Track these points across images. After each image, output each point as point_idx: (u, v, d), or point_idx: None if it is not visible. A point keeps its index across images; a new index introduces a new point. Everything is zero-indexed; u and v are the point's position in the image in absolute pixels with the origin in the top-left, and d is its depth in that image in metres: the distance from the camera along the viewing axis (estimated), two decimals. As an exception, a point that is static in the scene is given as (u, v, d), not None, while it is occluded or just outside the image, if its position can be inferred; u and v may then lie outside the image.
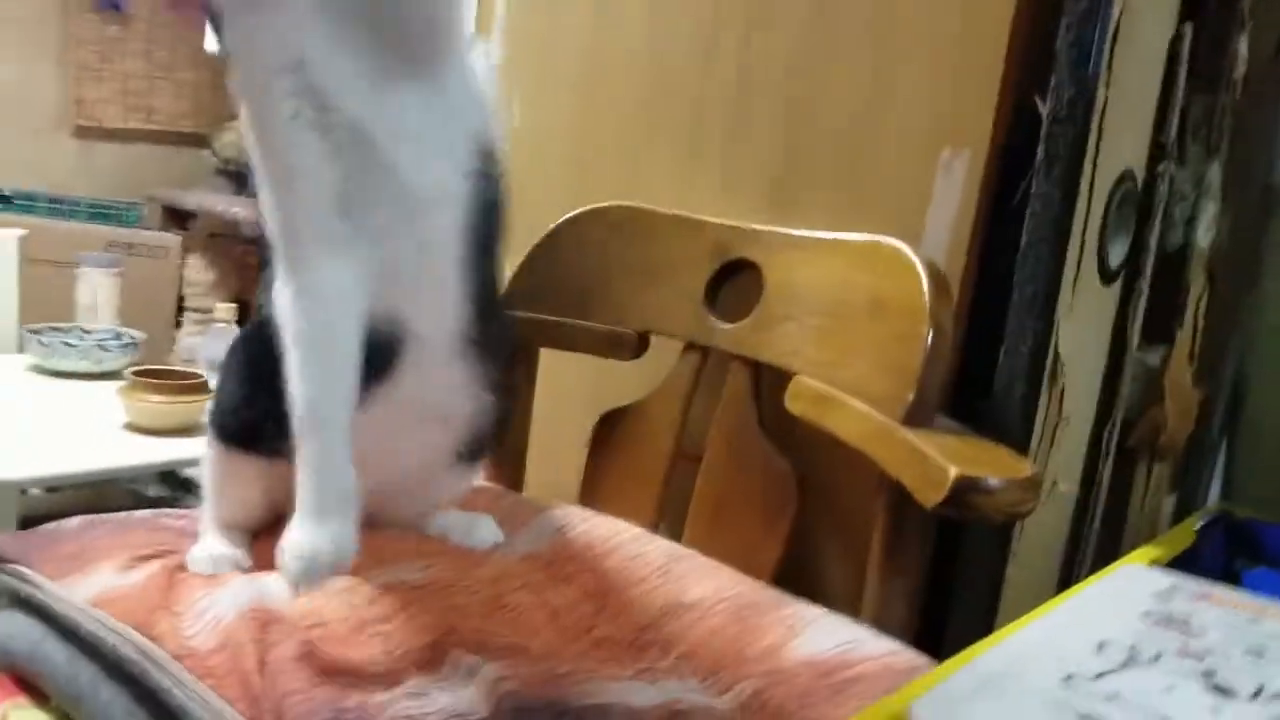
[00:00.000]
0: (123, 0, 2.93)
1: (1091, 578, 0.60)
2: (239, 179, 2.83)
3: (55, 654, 0.70)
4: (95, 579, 0.74)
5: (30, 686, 0.72)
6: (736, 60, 0.99)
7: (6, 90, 2.81)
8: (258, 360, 0.71)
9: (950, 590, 0.82)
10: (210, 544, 0.78)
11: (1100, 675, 0.41)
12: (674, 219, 0.99)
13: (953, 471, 0.66)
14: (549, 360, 1.05)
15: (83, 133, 2.95)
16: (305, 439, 0.66)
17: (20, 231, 2.14)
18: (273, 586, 0.70)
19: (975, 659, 0.45)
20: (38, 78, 2.86)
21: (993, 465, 0.69)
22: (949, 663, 0.46)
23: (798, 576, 0.86)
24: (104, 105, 2.97)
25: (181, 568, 0.76)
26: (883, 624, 0.75)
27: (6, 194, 2.74)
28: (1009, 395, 0.79)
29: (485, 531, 0.88)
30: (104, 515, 0.87)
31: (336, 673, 0.62)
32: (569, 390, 1.12)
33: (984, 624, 0.81)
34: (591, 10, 1.13)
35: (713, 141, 1.02)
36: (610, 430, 1.03)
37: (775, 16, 0.96)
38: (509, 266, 1.04)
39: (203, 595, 0.71)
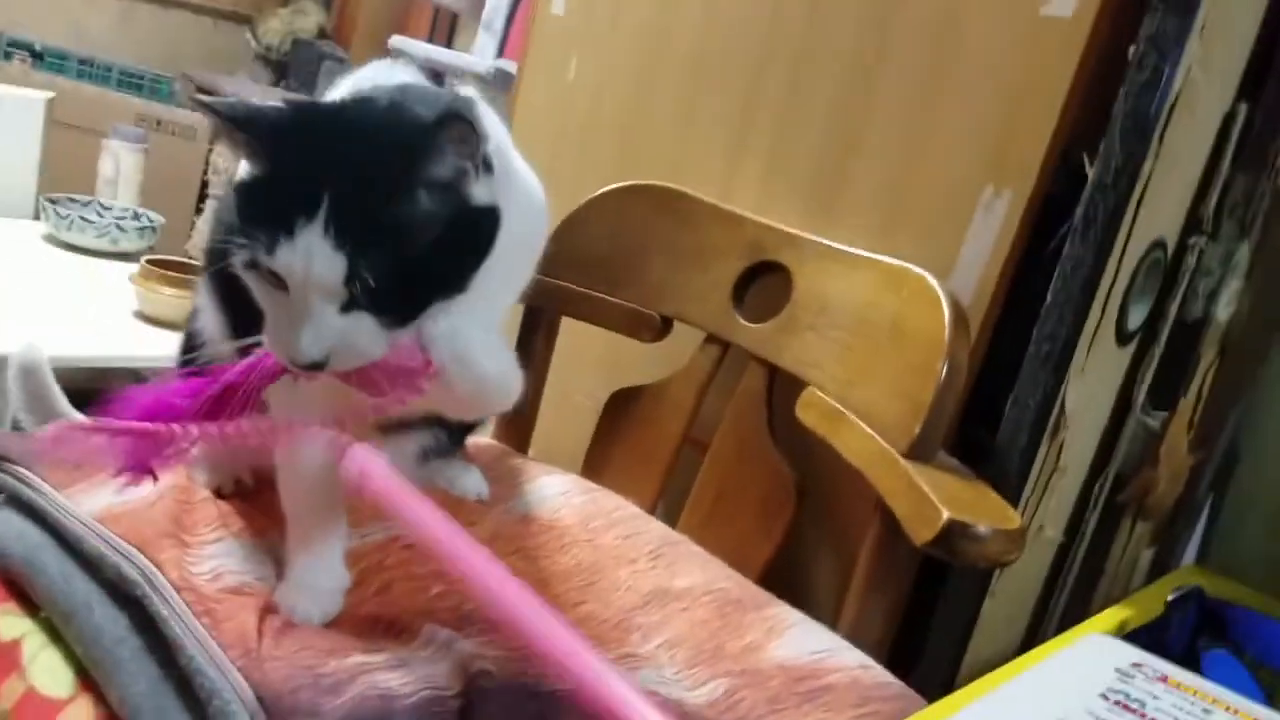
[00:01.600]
0: None
1: (1057, 640, 0.62)
2: (279, 68, 2.79)
3: (51, 564, 0.69)
4: (102, 491, 0.75)
5: (20, 593, 0.71)
6: (793, 63, 0.98)
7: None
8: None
9: (928, 616, 0.84)
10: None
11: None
12: (714, 209, 0.99)
13: (945, 515, 0.68)
14: (569, 328, 1.06)
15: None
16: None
17: (48, 94, 2.11)
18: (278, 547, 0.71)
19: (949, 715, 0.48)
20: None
21: (985, 513, 0.70)
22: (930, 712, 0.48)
23: (785, 579, 0.89)
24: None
25: (190, 493, 0.77)
26: (858, 638, 0.77)
27: (37, 49, 2.70)
28: (1011, 443, 0.80)
29: (471, 482, 0.89)
30: (110, 422, 0.88)
31: (319, 636, 0.63)
32: (585, 361, 1.13)
33: (956, 652, 0.84)
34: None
35: (760, 138, 1.01)
36: (622, 407, 1.04)
37: (833, 26, 0.95)
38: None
39: (214, 530, 0.73)
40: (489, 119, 0.64)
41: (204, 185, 2.59)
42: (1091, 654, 0.56)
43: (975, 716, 0.48)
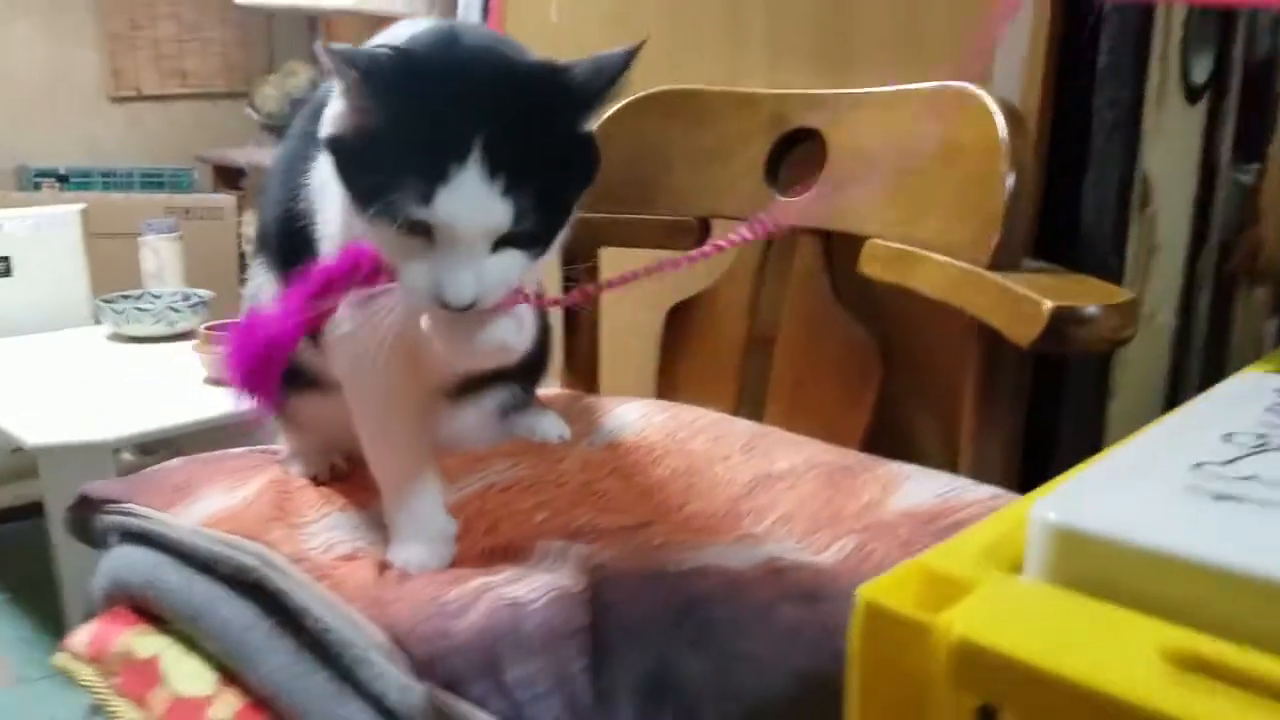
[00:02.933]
0: (144, -35, 2.93)
1: (1204, 393, 0.57)
2: (282, 132, 2.84)
3: (170, 578, 0.70)
4: (203, 503, 0.76)
5: (150, 615, 0.73)
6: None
7: (48, 69, 2.85)
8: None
9: (1051, 433, 0.80)
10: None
11: (1231, 461, 0.40)
12: (725, 95, 0.96)
13: (1047, 305, 0.64)
14: (608, 259, 1.03)
15: (125, 102, 2.99)
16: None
17: (81, 205, 2.18)
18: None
19: (1094, 461, 0.44)
20: (74, 54, 2.89)
21: (1088, 295, 0.66)
22: (1065, 473, 0.45)
23: (888, 443, 0.85)
24: (140, 72, 3.00)
25: (288, 483, 0.78)
26: (982, 474, 0.74)
27: (62, 173, 2.80)
28: (1098, 225, 0.75)
29: (549, 425, 0.88)
30: (201, 454, 0.90)
31: (438, 575, 0.63)
32: (632, 289, 1.11)
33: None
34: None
35: (754, 10, 0.98)
36: (680, 322, 1.02)
37: None
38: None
39: (318, 509, 0.72)
40: None
41: (241, 256, 2.65)
42: (1245, 386, 0.51)
43: (1137, 445, 0.44)
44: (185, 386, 1.65)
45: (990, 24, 0.66)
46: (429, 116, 0.53)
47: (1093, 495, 0.39)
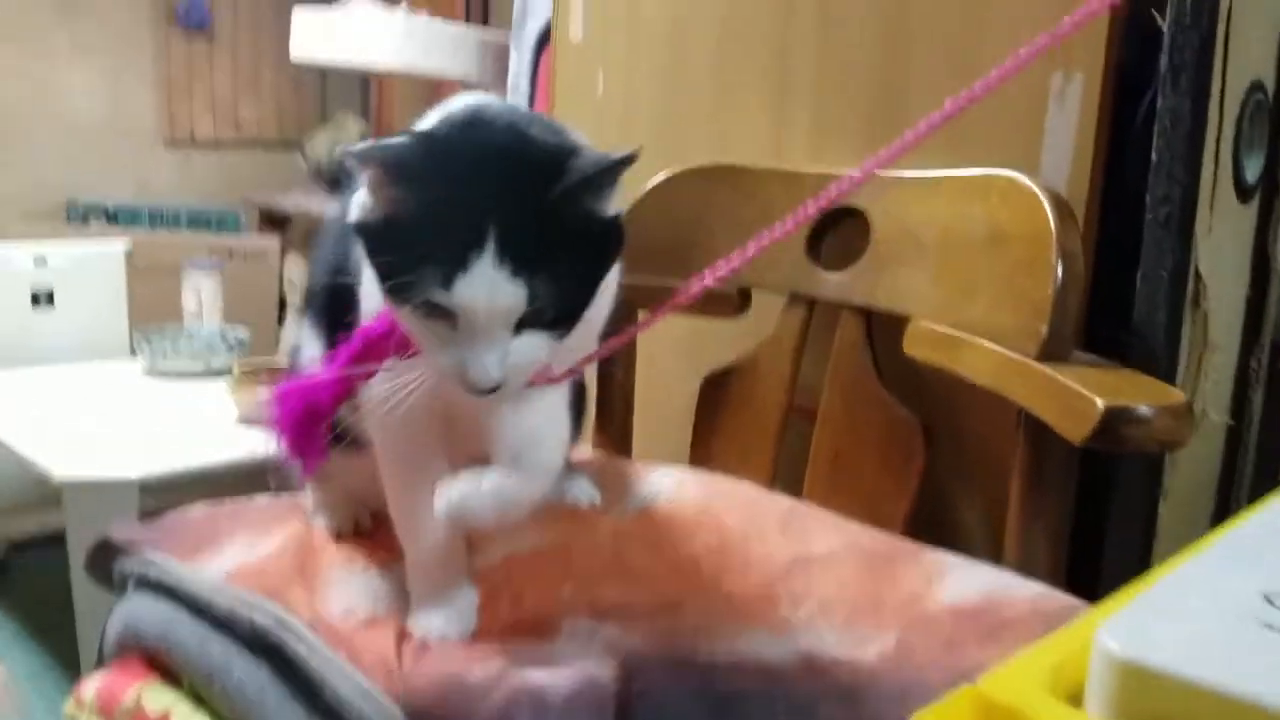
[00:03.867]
0: (206, 17, 3.02)
1: (1268, 496, 0.55)
2: (332, 180, 2.89)
3: (186, 633, 0.69)
4: (225, 556, 0.75)
5: (162, 667, 0.72)
6: (818, 4, 0.96)
7: (106, 110, 2.93)
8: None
9: (1099, 532, 0.77)
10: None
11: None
12: (769, 172, 0.96)
13: (1100, 403, 0.62)
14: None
15: (178, 145, 3.06)
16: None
17: (125, 241, 2.22)
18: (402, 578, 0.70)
19: (1157, 580, 0.42)
20: (133, 97, 2.98)
21: (1142, 394, 0.64)
22: (1124, 591, 0.43)
23: (931, 528, 0.83)
24: (196, 118, 3.07)
25: (311, 538, 0.77)
26: (1027, 568, 0.71)
27: (110, 210, 2.86)
28: (1150, 322, 0.74)
29: (580, 489, 0.86)
30: (225, 502, 0.89)
31: (460, 649, 0.61)
32: (668, 355, 1.10)
33: (1138, 564, 0.76)
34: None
35: (801, 92, 0.98)
36: (717, 390, 1.01)
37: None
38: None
39: (339, 570, 0.71)
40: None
41: (281, 299, 2.68)
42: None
43: (1201, 564, 0.42)
44: (217, 425, 1.65)
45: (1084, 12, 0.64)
46: (446, 205, 0.55)
47: (1161, 626, 0.36)
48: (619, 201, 0.63)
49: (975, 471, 0.88)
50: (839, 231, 0.91)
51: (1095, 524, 0.78)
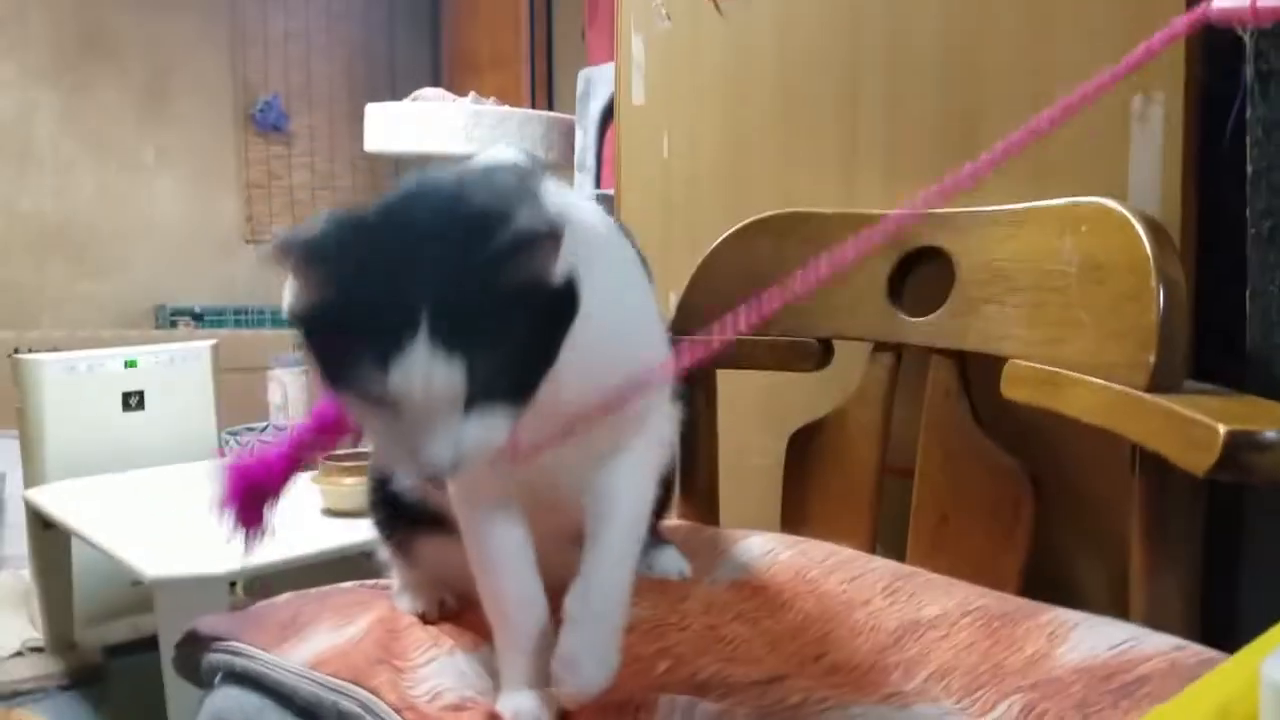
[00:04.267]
0: (283, 119, 3.17)
1: None
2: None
3: None
4: (310, 642, 0.73)
5: None
6: (887, 38, 0.94)
7: (190, 215, 3.07)
8: None
9: (1233, 577, 0.71)
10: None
11: None
12: (842, 217, 0.93)
13: (1221, 429, 0.57)
14: (726, 385, 1.00)
15: (259, 245, 3.19)
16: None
17: (212, 341, 2.29)
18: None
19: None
20: (217, 201, 3.12)
21: (1264, 418, 0.59)
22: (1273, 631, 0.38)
23: (1048, 584, 0.77)
24: (275, 218, 3.20)
25: (396, 621, 0.75)
26: (1158, 620, 0.65)
27: (197, 311, 2.97)
28: (1264, 342, 0.68)
29: (669, 561, 0.83)
30: (310, 590, 0.88)
31: None
32: (750, 415, 1.07)
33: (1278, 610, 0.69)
34: (725, 35, 1.12)
35: (871, 133, 0.96)
36: (804, 449, 0.97)
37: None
38: (674, 296, 1.01)
39: (426, 652, 0.69)
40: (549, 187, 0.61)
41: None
42: None
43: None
44: (303, 517, 1.66)
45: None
46: (374, 287, 0.51)
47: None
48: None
49: (1090, 520, 0.82)
50: (921, 274, 0.88)
51: (1228, 568, 0.72)
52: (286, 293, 0.54)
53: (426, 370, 0.49)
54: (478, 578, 0.67)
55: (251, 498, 0.58)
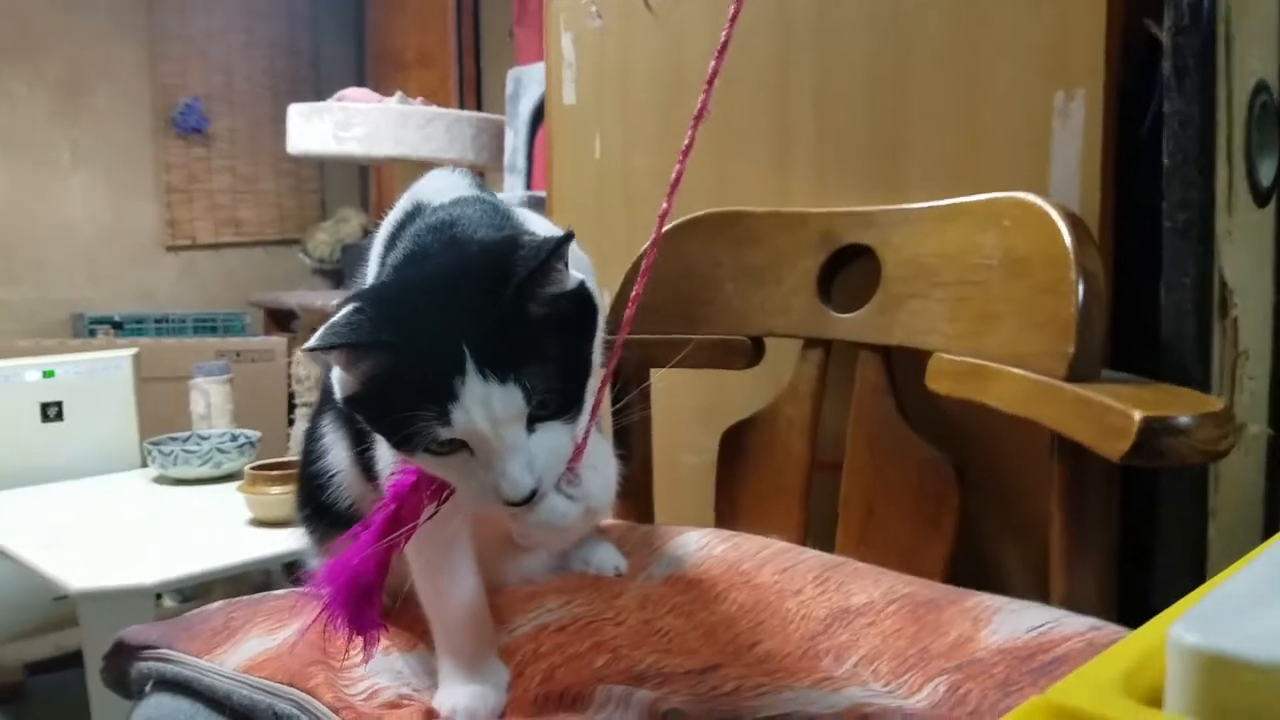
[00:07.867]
0: (205, 123, 3.09)
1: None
2: (335, 276, 2.91)
3: None
4: (243, 647, 0.72)
5: None
6: (815, 40, 0.96)
7: (107, 221, 2.98)
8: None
9: (1148, 560, 0.74)
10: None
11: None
12: (773, 215, 0.95)
13: (1137, 415, 0.60)
14: (660, 384, 1.01)
15: (180, 251, 3.10)
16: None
17: (133, 350, 2.22)
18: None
19: (1221, 582, 0.39)
20: (136, 205, 3.03)
21: (1178, 404, 0.62)
22: (1193, 593, 0.40)
23: (971, 571, 0.79)
24: (196, 223, 3.12)
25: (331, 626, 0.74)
26: (1076, 603, 0.68)
27: (117, 320, 2.88)
28: (1179, 334, 0.71)
29: (605, 557, 0.84)
30: (241, 597, 0.86)
31: None
32: (684, 414, 1.08)
33: (1191, 588, 0.73)
34: (657, 34, 1.12)
35: (802, 133, 0.98)
36: (737, 444, 0.98)
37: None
38: (608, 295, 1.02)
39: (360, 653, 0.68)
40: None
41: (291, 396, 2.67)
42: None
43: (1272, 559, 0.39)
44: (229, 528, 1.62)
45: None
46: (416, 347, 0.54)
47: (1238, 618, 0.34)
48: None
49: (1013, 507, 0.84)
50: (849, 271, 0.90)
51: (1143, 552, 0.75)
52: (336, 386, 0.58)
53: (484, 397, 0.53)
54: (417, 578, 0.67)
55: (356, 598, 0.59)
